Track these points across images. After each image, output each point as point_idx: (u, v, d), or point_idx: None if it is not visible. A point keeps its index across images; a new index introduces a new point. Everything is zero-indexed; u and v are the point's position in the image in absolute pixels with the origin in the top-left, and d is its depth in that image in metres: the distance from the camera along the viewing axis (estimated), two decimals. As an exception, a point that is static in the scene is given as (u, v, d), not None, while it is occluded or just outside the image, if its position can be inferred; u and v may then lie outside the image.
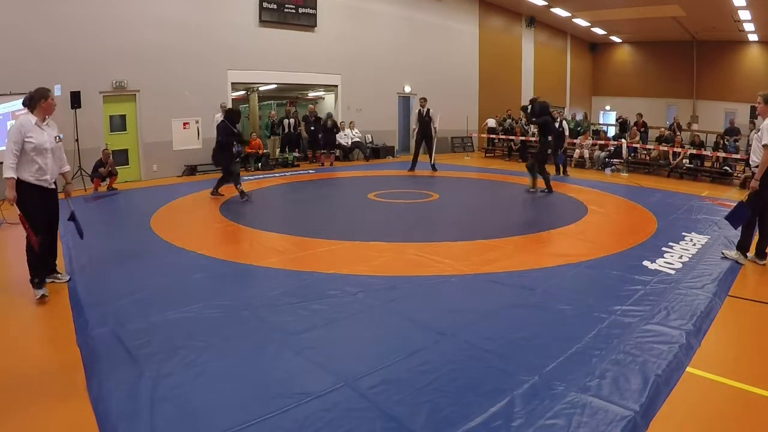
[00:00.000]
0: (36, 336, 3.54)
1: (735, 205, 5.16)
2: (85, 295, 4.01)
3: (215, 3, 11.70)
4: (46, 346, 3.36)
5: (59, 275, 4.40)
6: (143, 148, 10.90)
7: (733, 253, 5.08)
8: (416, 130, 11.84)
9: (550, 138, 8.79)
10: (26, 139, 3.87)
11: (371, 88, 14.79)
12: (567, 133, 12.09)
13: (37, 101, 4.01)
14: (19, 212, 3.98)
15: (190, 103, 11.38)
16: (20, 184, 3.92)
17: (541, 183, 8.83)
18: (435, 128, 11.75)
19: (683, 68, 21.65)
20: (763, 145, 4.67)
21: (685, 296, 3.97)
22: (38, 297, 3.95)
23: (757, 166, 4.82)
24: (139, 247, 5.56)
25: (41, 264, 4.08)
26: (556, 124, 11.73)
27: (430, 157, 11.83)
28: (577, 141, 13.78)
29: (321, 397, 2.53)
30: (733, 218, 5.06)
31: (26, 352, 3.21)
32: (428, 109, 11.61)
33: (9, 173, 3.86)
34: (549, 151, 8.88)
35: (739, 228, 5.07)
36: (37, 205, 4.02)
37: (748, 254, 5.04)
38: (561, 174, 11.63)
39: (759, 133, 4.79)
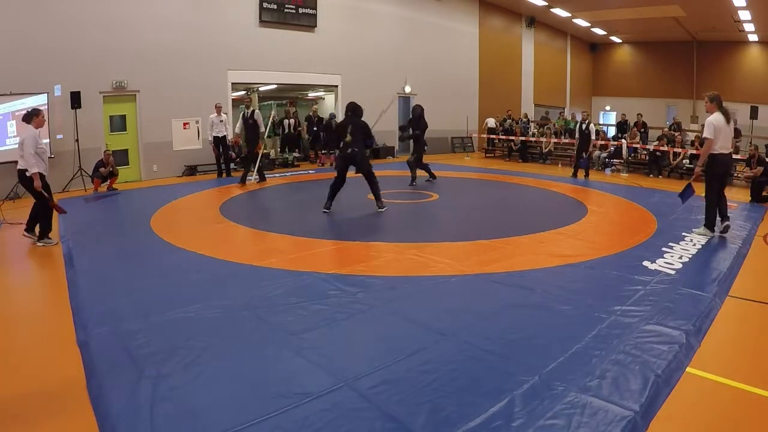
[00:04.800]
0: (36, 336, 3.54)
1: (685, 185, 6.21)
2: (85, 295, 4.01)
3: (215, 3, 11.70)
4: (46, 346, 3.36)
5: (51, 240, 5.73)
6: (143, 148, 10.92)
7: (700, 230, 5.97)
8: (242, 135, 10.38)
9: (423, 139, 10.08)
10: (39, 146, 5.56)
11: (371, 89, 14.77)
12: (594, 136, 11.56)
13: (32, 117, 5.69)
14: (46, 195, 5.60)
15: (189, 104, 11.39)
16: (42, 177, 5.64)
17: (423, 173, 10.14)
18: (262, 133, 10.29)
19: (683, 68, 21.65)
20: (704, 138, 5.68)
21: (685, 296, 3.97)
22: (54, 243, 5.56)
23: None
24: (139, 247, 5.56)
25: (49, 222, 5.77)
26: (583, 126, 11.26)
27: (255, 165, 10.27)
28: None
29: (321, 397, 2.53)
30: (682, 195, 6.17)
31: (26, 352, 3.22)
32: (253, 110, 10.04)
33: (34, 169, 5.56)
34: (426, 148, 10.16)
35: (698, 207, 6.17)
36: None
37: (715, 229, 5.88)
38: (584, 178, 11.23)
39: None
